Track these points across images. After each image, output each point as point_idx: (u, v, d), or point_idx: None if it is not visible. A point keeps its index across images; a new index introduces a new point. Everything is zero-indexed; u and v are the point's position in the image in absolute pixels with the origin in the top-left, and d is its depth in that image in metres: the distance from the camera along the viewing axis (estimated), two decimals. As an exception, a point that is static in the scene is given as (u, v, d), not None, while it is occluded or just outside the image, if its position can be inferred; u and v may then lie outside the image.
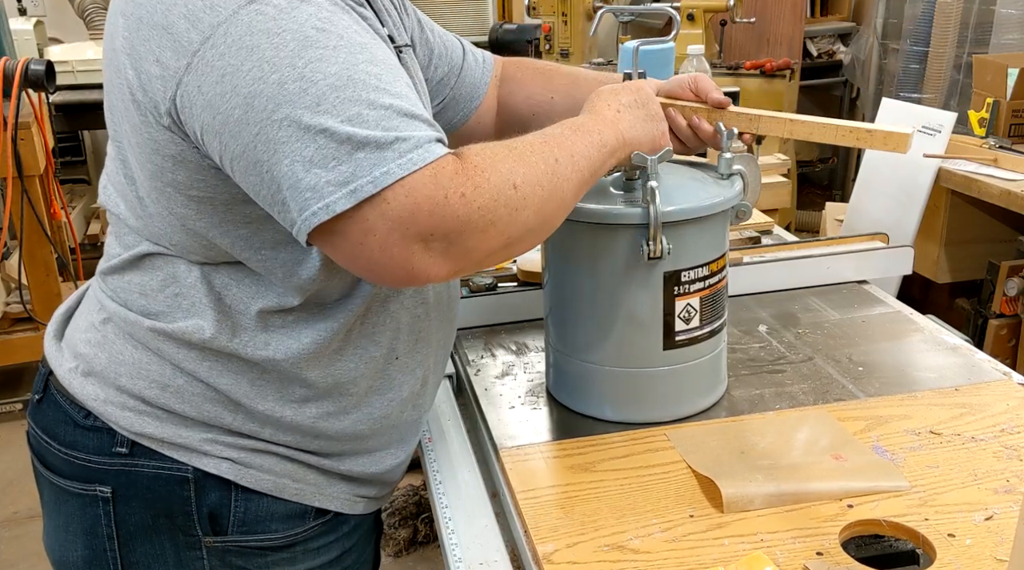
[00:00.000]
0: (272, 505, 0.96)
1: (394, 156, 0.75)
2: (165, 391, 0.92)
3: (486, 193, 0.78)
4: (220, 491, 0.94)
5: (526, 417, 1.15)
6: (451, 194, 0.76)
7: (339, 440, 0.98)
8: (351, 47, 0.77)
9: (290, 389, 0.94)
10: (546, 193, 0.84)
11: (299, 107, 0.74)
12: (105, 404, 0.93)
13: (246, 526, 0.95)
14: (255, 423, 0.94)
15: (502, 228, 0.80)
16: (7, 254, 3.19)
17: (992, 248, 2.70)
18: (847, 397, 1.16)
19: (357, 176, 0.74)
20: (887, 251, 1.56)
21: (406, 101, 0.78)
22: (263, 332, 0.91)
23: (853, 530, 0.91)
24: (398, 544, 2.50)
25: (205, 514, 0.94)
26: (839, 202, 3.54)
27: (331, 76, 0.75)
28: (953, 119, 2.64)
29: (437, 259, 0.78)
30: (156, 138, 0.83)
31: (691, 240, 1.05)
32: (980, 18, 3.57)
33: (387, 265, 0.77)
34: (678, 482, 0.99)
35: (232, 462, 0.93)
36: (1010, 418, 1.09)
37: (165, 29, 0.79)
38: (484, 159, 0.80)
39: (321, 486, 0.99)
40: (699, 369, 1.12)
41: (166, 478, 0.93)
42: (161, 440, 0.92)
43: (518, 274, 1.48)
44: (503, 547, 0.95)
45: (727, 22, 3.80)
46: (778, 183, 2.45)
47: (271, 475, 0.95)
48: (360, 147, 0.74)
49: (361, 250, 0.77)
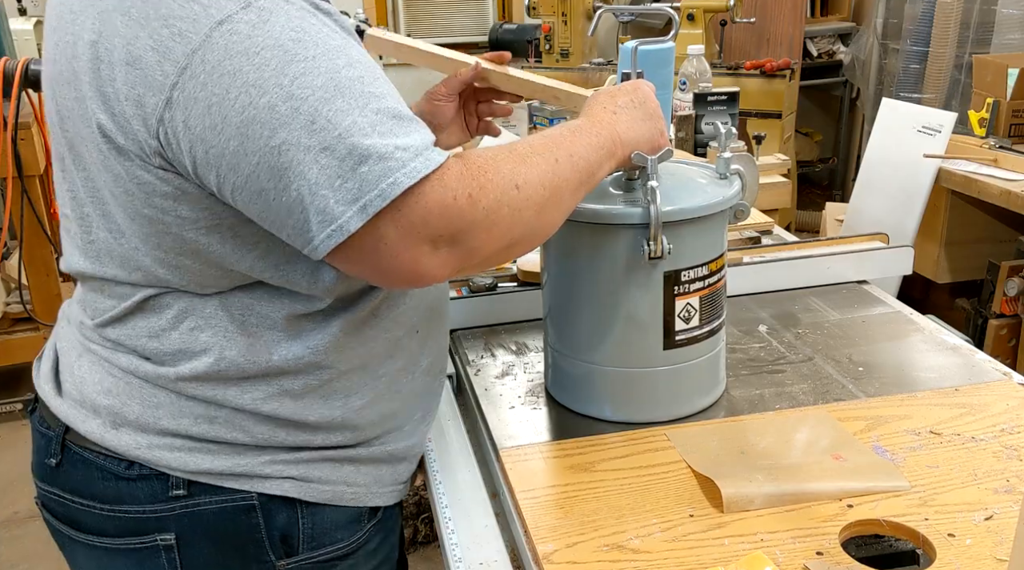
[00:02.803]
0: (335, 514, 0.95)
1: (398, 165, 0.74)
2: (214, 423, 0.89)
3: (491, 193, 0.78)
4: (287, 511, 0.92)
5: (526, 417, 1.15)
6: (459, 195, 0.76)
7: (379, 424, 0.98)
8: (329, 52, 0.75)
9: (331, 388, 0.92)
10: (547, 193, 0.84)
11: (295, 129, 0.72)
12: (150, 450, 0.88)
13: (315, 541, 0.94)
14: (307, 432, 0.92)
15: (505, 228, 0.80)
16: (7, 254, 3.19)
17: (992, 248, 2.71)
18: (847, 397, 1.16)
19: (365, 191, 0.73)
20: (887, 251, 1.56)
21: (391, 100, 0.77)
22: (297, 340, 0.89)
23: (853, 530, 0.91)
24: (398, 544, 2.50)
25: (277, 538, 0.91)
26: (839, 202, 3.54)
27: (319, 89, 0.73)
28: (953, 119, 2.64)
29: (443, 259, 0.78)
30: (148, 181, 0.79)
31: (691, 240, 1.05)
32: (981, 18, 3.57)
33: (397, 269, 0.77)
34: (678, 482, 0.99)
35: (294, 480, 0.91)
36: (1010, 418, 1.09)
37: (132, 65, 0.75)
38: (486, 160, 0.80)
39: (370, 484, 0.98)
40: (698, 369, 1.12)
41: (232, 510, 0.89)
42: (220, 473, 0.88)
43: (518, 274, 1.48)
44: (503, 547, 0.95)
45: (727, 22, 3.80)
46: (778, 183, 2.45)
47: (329, 485, 0.94)
48: (363, 160, 0.73)
49: (372, 258, 0.77)
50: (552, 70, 4.07)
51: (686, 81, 2.35)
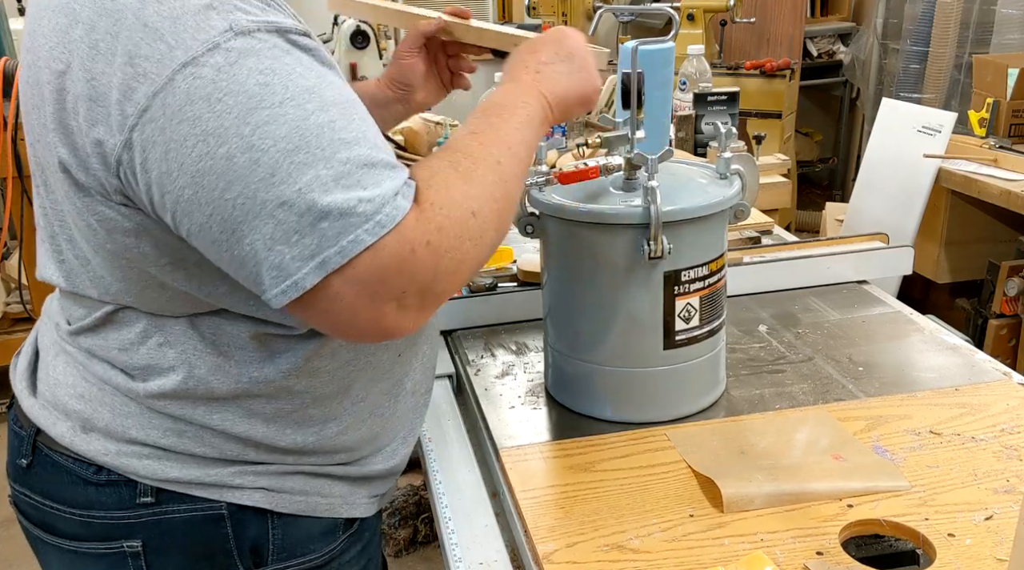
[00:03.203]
0: (308, 525, 0.93)
1: (360, 221, 0.70)
2: (182, 437, 0.87)
3: (450, 233, 0.74)
4: (258, 522, 0.90)
5: (526, 417, 1.15)
6: (417, 247, 0.72)
7: (356, 449, 0.96)
8: (299, 97, 0.71)
9: (305, 414, 0.90)
10: (501, 204, 0.81)
11: (252, 182, 0.69)
12: (118, 457, 0.87)
13: (286, 552, 0.92)
14: (279, 454, 0.91)
15: (471, 261, 0.78)
16: (7, 254, 3.19)
17: (992, 248, 2.71)
18: (847, 397, 1.16)
19: (323, 248, 0.69)
20: (887, 251, 1.56)
21: (364, 145, 0.73)
22: (269, 362, 0.87)
23: (853, 530, 0.91)
24: (398, 544, 2.50)
25: (246, 548, 0.90)
26: (839, 202, 3.55)
27: (282, 140, 0.69)
28: (953, 119, 2.65)
29: (413, 314, 0.75)
30: (110, 217, 0.77)
31: (691, 240, 1.05)
32: (980, 18, 3.57)
33: (357, 326, 0.74)
34: (678, 482, 0.99)
35: (265, 490, 0.90)
36: (1010, 418, 1.09)
37: (95, 101, 0.72)
38: (437, 193, 0.75)
39: (346, 495, 0.96)
40: (698, 368, 1.12)
41: (200, 519, 0.88)
42: (188, 482, 0.87)
43: (518, 274, 1.48)
44: (503, 547, 0.95)
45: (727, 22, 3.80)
46: (778, 183, 2.45)
47: (303, 495, 0.92)
48: (323, 217, 0.69)
49: (328, 316, 0.73)
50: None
51: (686, 81, 2.35)
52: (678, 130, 2.24)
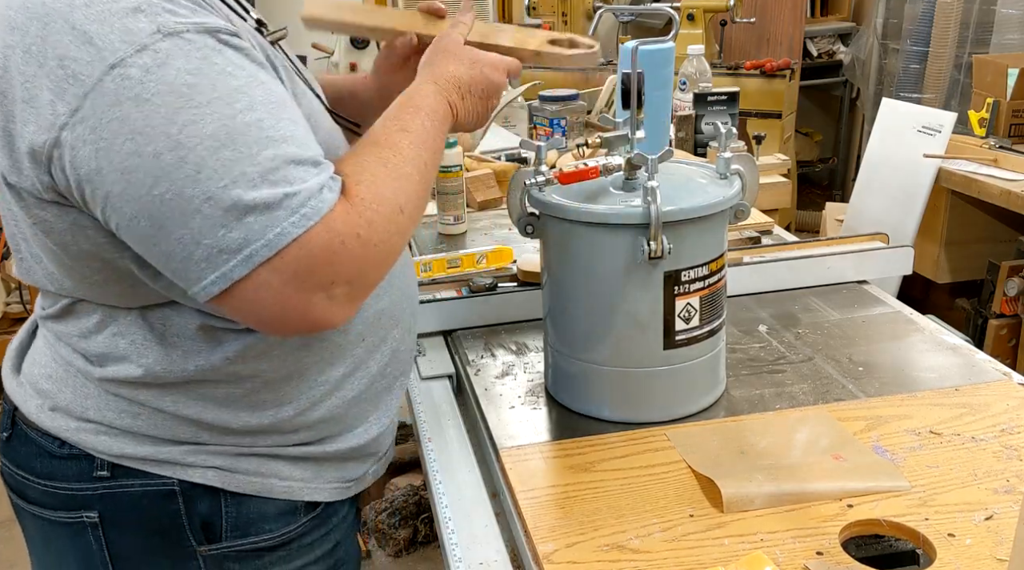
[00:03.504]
0: (263, 506, 0.95)
1: (286, 214, 0.72)
2: (137, 419, 0.91)
3: (380, 227, 0.77)
4: (209, 499, 0.92)
5: (526, 417, 1.15)
6: (347, 239, 0.75)
7: (317, 428, 0.97)
8: (226, 96, 0.73)
9: (258, 397, 0.92)
10: (422, 203, 0.86)
11: (178, 179, 0.72)
12: (78, 433, 0.92)
13: (239, 530, 0.94)
14: (234, 435, 0.93)
15: (396, 254, 0.82)
16: (7, 254, 3.19)
17: (992, 248, 2.71)
18: (847, 397, 1.16)
19: (250, 241, 0.72)
20: (887, 251, 1.56)
21: (292, 143, 0.75)
22: (215, 350, 0.89)
23: (853, 530, 0.91)
24: (398, 544, 2.50)
25: (197, 524, 0.92)
26: (839, 202, 3.55)
27: (208, 138, 0.72)
28: (953, 119, 2.65)
29: (342, 305, 0.77)
30: (45, 219, 0.80)
31: (691, 240, 1.05)
32: (980, 18, 3.57)
33: (286, 318, 0.76)
34: (678, 482, 0.99)
35: (218, 469, 0.92)
36: (1010, 418, 1.09)
37: (28, 103, 0.74)
38: (367, 189, 0.78)
39: (308, 479, 0.98)
40: (698, 368, 1.12)
41: (153, 494, 0.91)
42: (142, 458, 0.91)
43: (518, 274, 1.48)
44: (503, 547, 0.95)
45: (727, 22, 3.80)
46: (778, 183, 2.45)
47: (258, 477, 0.94)
48: (248, 211, 0.72)
49: (255, 309, 0.76)
50: (552, 70, 4.07)
51: (686, 81, 2.35)
52: (678, 130, 2.24)
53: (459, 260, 1.54)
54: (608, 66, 3.93)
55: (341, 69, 3.37)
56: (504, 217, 1.87)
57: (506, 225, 1.83)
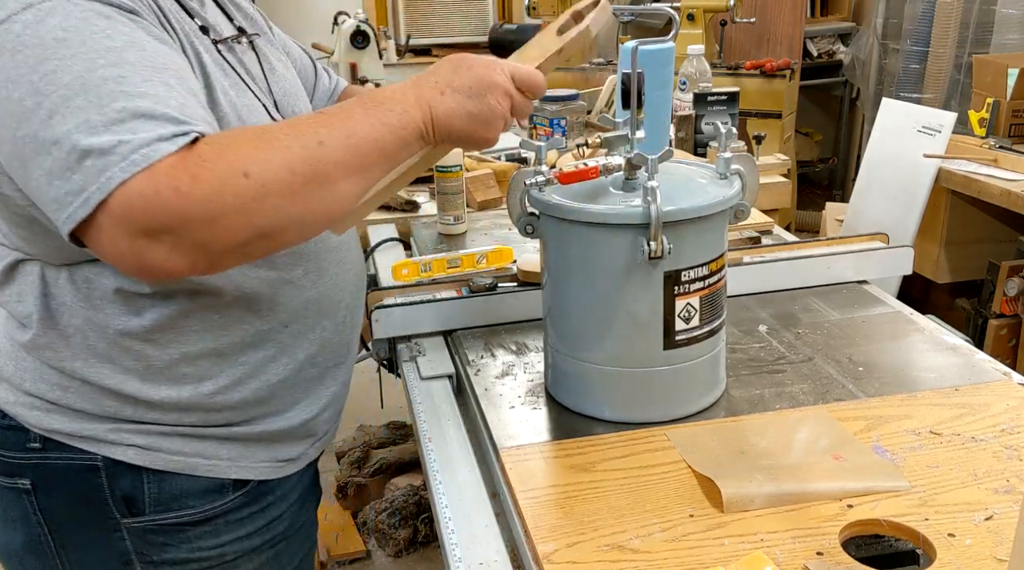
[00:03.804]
0: (186, 483, 0.99)
1: (117, 160, 0.75)
2: (67, 392, 0.96)
3: (206, 184, 0.77)
4: (131, 475, 0.98)
5: (526, 417, 1.15)
6: (163, 189, 0.76)
7: (242, 409, 1.01)
8: (93, 52, 0.78)
9: (178, 371, 0.97)
10: (303, 179, 0.81)
11: (35, 122, 0.77)
12: (15, 406, 0.98)
13: (162, 505, 0.99)
14: (157, 411, 0.97)
15: (239, 219, 0.78)
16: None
17: (992, 248, 2.71)
18: (847, 397, 1.16)
19: (88, 184, 0.76)
20: (887, 251, 1.56)
21: (148, 100, 0.78)
22: (136, 316, 0.94)
23: (853, 530, 0.91)
24: (398, 544, 2.50)
25: (119, 498, 0.98)
26: (839, 202, 3.55)
27: (63, 87, 0.76)
28: (953, 119, 2.65)
29: (170, 254, 0.77)
30: None
31: (691, 240, 1.05)
32: (980, 18, 3.57)
33: (123, 260, 0.79)
34: (678, 482, 0.99)
35: (139, 448, 0.98)
36: (1010, 418, 1.09)
37: None
38: (214, 149, 0.79)
39: (236, 458, 1.02)
40: (698, 369, 1.12)
41: (78, 468, 0.97)
42: (69, 434, 0.97)
43: (518, 274, 1.48)
44: (503, 547, 0.95)
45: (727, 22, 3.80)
46: (778, 183, 2.45)
47: (180, 456, 0.99)
48: (86, 155, 0.76)
49: (99, 248, 0.79)
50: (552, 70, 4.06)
51: (686, 81, 2.35)
52: (678, 130, 2.24)
53: (459, 260, 1.54)
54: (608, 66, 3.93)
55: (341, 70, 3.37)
56: (504, 217, 1.87)
57: (506, 225, 1.83)
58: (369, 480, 2.66)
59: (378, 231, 1.89)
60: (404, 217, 1.95)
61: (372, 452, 2.76)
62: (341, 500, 2.68)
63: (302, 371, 1.05)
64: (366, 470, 2.68)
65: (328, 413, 1.13)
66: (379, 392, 1.87)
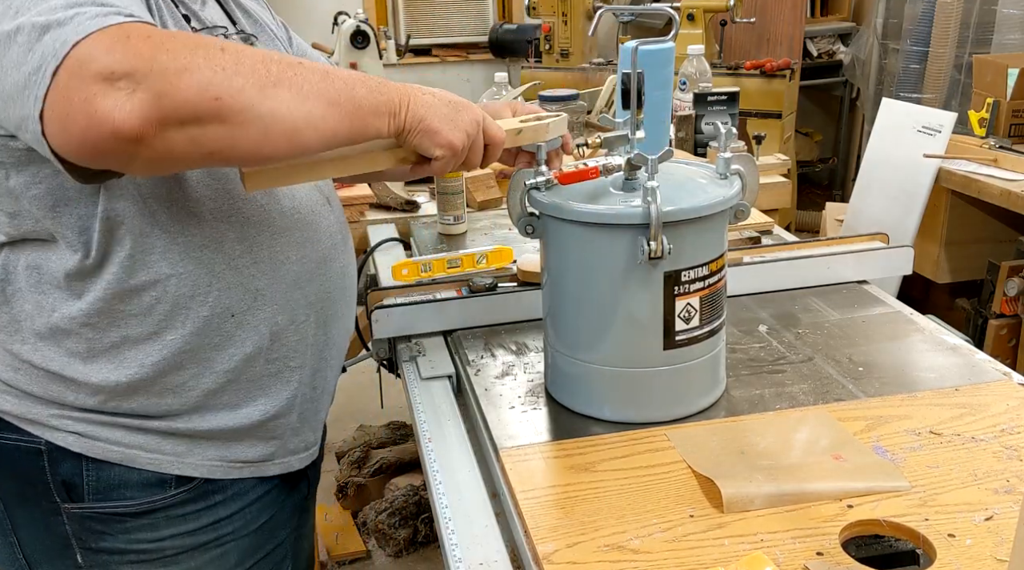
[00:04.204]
0: (125, 474, 1.00)
1: (74, 25, 0.75)
2: (17, 373, 0.99)
3: (179, 41, 0.77)
4: (71, 462, 0.99)
5: (526, 417, 1.15)
6: (134, 35, 0.76)
7: (185, 396, 1.01)
8: None
9: (119, 354, 0.98)
10: (275, 79, 0.81)
11: (3, 22, 0.78)
12: None
13: (101, 494, 1.00)
14: (99, 396, 0.98)
15: (205, 78, 0.77)
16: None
17: (992, 248, 2.70)
18: (847, 397, 1.16)
19: (46, 56, 0.75)
20: (887, 251, 1.56)
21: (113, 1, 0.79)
22: (78, 299, 0.96)
23: (853, 530, 0.91)
24: (398, 544, 2.50)
25: (60, 483, 1.00)
26: (839, 202, 3.55)
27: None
28: (953, 119, 2.65)
29: (125, 101, 0.75)
30: None
31: (691, 240, 1.05)
32: (981, 18, 3.57)
33: (72, 118, 0.75)
34: (678, 482, 0.99)
35: (79, 435, 0.99)
36: (1010, 418, 1.09)
37: None
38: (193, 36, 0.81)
39: (182, 454, 1.02)
40: (698, 369, 1.12)
41: (24, 450, 1.00)
42: (17, 415, 0.99)
43: (518, 274, 1.48)
44: (503, 547, 0.95)
45: (727, 22, 3.80)
46: (778, 183, 2.45)
47: (120, 447, 1.00)
48: (45, 30, 0.76)
49: (53, 112, 0.76)
50: (552, 70, 4.07)
51: (686, 81, 2.35)
52: (678, 130, 2.24)
53: (459, 260, 1.54)
54: (608, 66, 3.93)
55: (341, 69, 3.37)
56: (504, 217, 1.87)
57: (506, 225, 1.83)
58: (369, 480, 2.66)
59: (378, 231, 1.89)
60: (404, 217, 1.95)
61: (372, 452, 2.76)
62: (341, 500, 2.68)
63: (252, 365, 1.03)
64: (366, 470, 2.68)
65: (294, 418, 1.09)
66: (379, 392, 1.87)
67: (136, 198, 0.93)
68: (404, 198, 1.98)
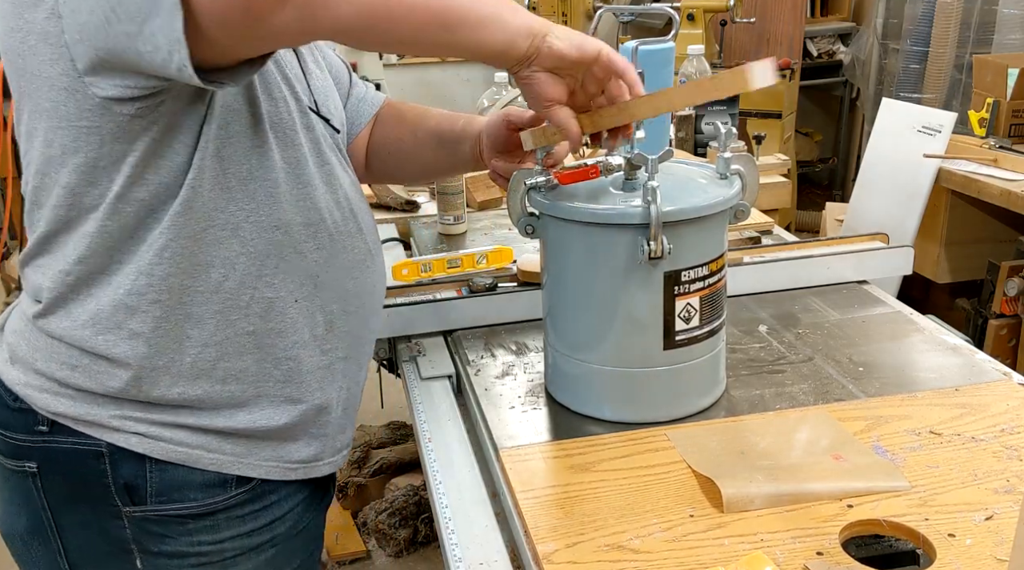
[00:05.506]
0: (188, 475, 0.99)
1: None
2: (75, 371, 0.96)
3: None
4: (134, 463, 0.97)
5: (526, 417, 1.15)
6: None
7: (246, 383, 0.99)
8: None
9: (184, 331, 0.95)
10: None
11: None
12: (26, 387, 0.98)
13: (163, 496, 0.99)
14: (162, 387, 0.96)
15: None
16: (7, 254, 3.19)
17: (992, 248, 2.71)
18: (847, 397, 1.16)
19: None
20: (887, 251, 1.56)
21: None
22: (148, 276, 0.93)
23: (853, 530, 0.91)
24: (398, 544, 2.50)
25: (121, 486, 0.98)
26: (839, 202, 3.55)
27: None
28: (953, 119, 2.65)
29: None
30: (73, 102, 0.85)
31: (691, 240, 1.05)
32: (981, 18, 3.57)
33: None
34: (678, 482, 0.99)
35: (142, 436, 0.97)
36: (1010, 418, 1.09)
37: None
38: None
39: (241, 455, 1.01)
40: (698, 369, 1.12)
41: (83, 453, 0.97)
42: (75, 418, 0.97)
43: (518, 274, 1.48)
44: (503, 547, 0.95)
45: (727, 22, 3.80)
46: (778, 183, 2.45)
47: (184, 447, 0.98)
48: None
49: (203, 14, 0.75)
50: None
51: (686, 81, 2.35)
52: (678, 130, 2.24)
53: (459, 260, 1.54)
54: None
55: (341, 69, 3.37)
56: (504, 217, 1.87)
57: (506, 225, 1.83)
58: (369, 480, 2.66)
59: (378, 231, 1.89)
60: (404, 217, 1.95)
61: (372, 452, 2.76)
62: (341, 500, 2.68)
63: (310, 353, 1.03)
64: (366, 470, 2.68)
65: (339, 413, 1.10)
66: (379, 392, 1.87)
67: (217, 173, 0.92)
68: (404, 198, 1.98)
